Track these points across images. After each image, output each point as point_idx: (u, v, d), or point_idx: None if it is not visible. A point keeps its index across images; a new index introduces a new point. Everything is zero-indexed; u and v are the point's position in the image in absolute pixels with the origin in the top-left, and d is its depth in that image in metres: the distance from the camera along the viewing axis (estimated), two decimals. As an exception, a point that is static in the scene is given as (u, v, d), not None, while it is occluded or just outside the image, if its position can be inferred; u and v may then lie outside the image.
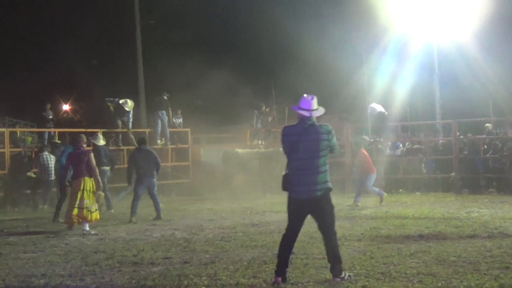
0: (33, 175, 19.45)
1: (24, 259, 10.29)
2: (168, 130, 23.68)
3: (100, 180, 13.92)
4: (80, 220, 13.45)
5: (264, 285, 8.11)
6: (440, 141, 23.73)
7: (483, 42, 27.55)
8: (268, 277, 8.45)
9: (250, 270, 8.93)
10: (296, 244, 10.87)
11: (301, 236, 12.05)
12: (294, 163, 8.29)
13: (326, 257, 8.47)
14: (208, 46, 34.53)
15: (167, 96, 23.79)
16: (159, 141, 23.30)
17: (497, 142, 21.43)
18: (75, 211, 13.40)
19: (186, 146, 24.80)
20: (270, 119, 28.18)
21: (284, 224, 13.95)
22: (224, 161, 22.65)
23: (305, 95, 8.47)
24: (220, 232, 12.95)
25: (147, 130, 24.53)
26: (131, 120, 22.99)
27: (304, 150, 8.17)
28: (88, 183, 13.64)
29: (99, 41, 33.75)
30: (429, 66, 27.38)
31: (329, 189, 8.30)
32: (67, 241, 12.30)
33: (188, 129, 25.46)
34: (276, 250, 10.29)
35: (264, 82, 32.47)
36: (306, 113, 8.30)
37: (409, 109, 28.18)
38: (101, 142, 18.19)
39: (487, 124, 22.98)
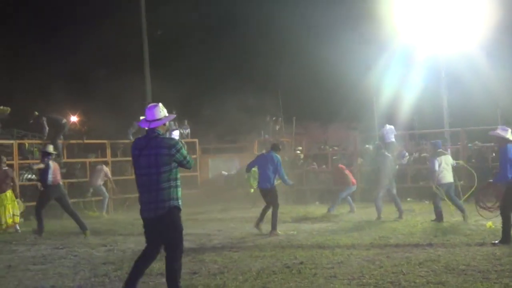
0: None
1: (34, 270, 10.30)
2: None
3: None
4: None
5: (273, 295, 8.09)
6: (448, 149, 23.65)
7: (490, 50, 27.51)
8: (277, 287, 8.43)
9: (259, 281, 8.91)
10: (304, 254, 10.97)
11: (310, 246, 12.12)
12: (137, 179, 7.75)
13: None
14: (215, 55, 34.60)
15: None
16: None
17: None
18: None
19: (194, 156, 24.82)
20: (277, 127, 28.21)
21: (291, 235, 14.03)
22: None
23: (150, 104, 7.92)
24: (228, 242, 12.96)
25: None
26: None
27: (145, 166, 7.59)
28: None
29: (107, 52, 33.90)
30: (436, 74, 27.33)
31: (175, 208, 7.61)
32: (76, 252, 12.31)
33: (196, 140, 25.49)
34: (285, 260, 10.35)
35: (271, 91, 32.51)
36: (144, 125, 7.77)
37: (417, 117, 28.15)
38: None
39: None
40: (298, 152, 25.80)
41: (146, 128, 7.74)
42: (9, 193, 16.07)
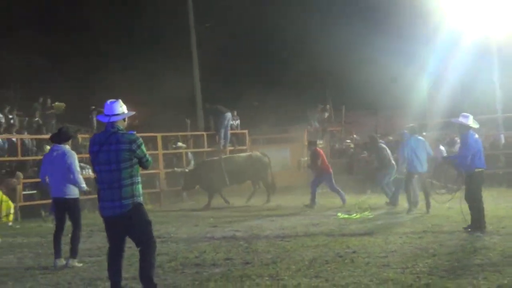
0: None
1: (89, 262, 10.47)
2: (229, 132, 23.77)
3: None
4: None
5: (326, 284, 8.07)
6: (502, 135, 23.24)
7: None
8: (330, 277, 8.41)
9: (311, 270, 8.91)
10: (357, 243, 10.93)
11: (363, 234, 12.06)
12: (98, 176, 7.56)
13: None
14: (262, 44, 34.55)
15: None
16: (222, 143, 23.27)
17: None
18: None
19: (244, 147, 24.86)
20: (326, 115, 28.08)
21: (345, 224, 14.01)
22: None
23: (109, 100, 7.71)
24: (281, 233, 12.97)
25: (204, 133, 24.65)
26: None
27: (104, 162, 7.40)
28: None
29: (154, 46, 34.13)
30: (487, 57, 26.80)
31: (139, 204, 7.48)
32: (130, 244, 12.46)
33: (245, 131, 25.54)
34: (337, 250, 10.33)
35: (320, 79, 32.37)
36: (104, 119, 7.60)
37: (468, 102, 27.64)
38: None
39: None
40: (348, 141, 25.67)
41: (105, 123, 7.60)
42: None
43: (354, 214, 15.35)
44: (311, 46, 32.31)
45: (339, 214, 15.53)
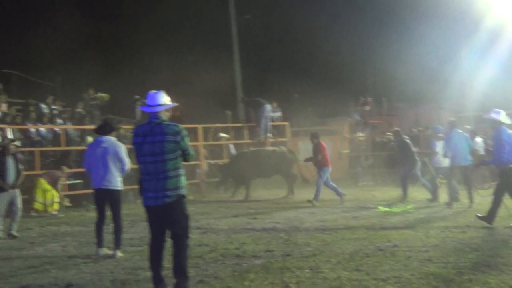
0: None
1: (131, 252, 10.59)
2: (269, 124, 23.83)
3: None
4: None
5: (366, 278, 8.04)
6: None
7: None
8: (370, 270, 8.38)
9: (352, 263, 8.88)
10: (397, 237, 10.87)
11: (404, 228, 11.99)
12: (141, 167, 7.55)
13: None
14: (304, 37, 34.45)
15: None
16: (263, 134, 23.33)
17: None
18: None
19: (285, 139, 24.86)
20: (367, 107, 27.93)
21: (384, 217, 13.93)
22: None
23: (152, 91, 7.74)
24: (320, 225, 12.95)
25: (245, 125, 24.75)
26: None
27: (149, 153, 7.41)
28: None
29: (195, 37, 34.29)
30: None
31: (182, 196, 7.50)
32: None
33: (286, 123, 25.54)
34: (378, 243, 10.29)
35: (360, 72, 32.20)
36: (147, 110, 7.60)
37: (500, 97, 27.19)
38: None
39: None
40: (389, 134, 25.49)
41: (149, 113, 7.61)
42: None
43: (395, 208, 15.27)
44: (352, 38, 32.16)
45: (379, 207, 15.45)
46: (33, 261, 10.14)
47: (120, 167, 10.54)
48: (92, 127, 16.79)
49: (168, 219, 7.50)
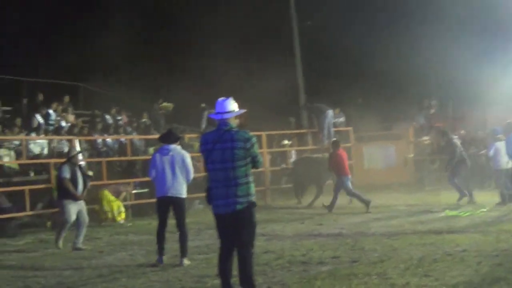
0: None
1: (198, 260, 10.68)
2: (332, 129, 23.76)
3: None
4: None
5: (435, 284, 7.92)
6: None
7: None
8: (440, 276, 8.25)
9: (420, 269, 8.76)
10: (466, 241, 10.67)
11: (473, 232, 11.76)
12: (210, 174, 7.52)
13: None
14: (366, 41, 34.22)
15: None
16: (325, 141, 23.23)
17: None
18: None
19: (349, 145, 24.70)
20: (432, 111, 27.52)
21: (451, 221, 13.69)
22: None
23: (221, 98, 7.66)
24: (387, 231, 12.82)
25: (309, 131, 24.71)
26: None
27: (219, 160, 7.35)
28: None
29: (258, 44, 34.36)
30: None
31: (252, 204, 7.41)
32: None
33: (350, 128, 25.40)
34: (446, 248, 10.12)
35: (424, 74, 31.73)
36: (216, 117, 7.55)
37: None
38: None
39: None
40: (456, 137, 25.05)
41: (217, 120, 7.58)
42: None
43: (463, 211, 15.00)
44: (415, 42, 31.76)
45: (446, 211, 15.21)
46: (103, 270, 10.33)
47: (185, 176, 10.66)
48: (157, 136, 17.03)
49: (237, 226, 7.42)
